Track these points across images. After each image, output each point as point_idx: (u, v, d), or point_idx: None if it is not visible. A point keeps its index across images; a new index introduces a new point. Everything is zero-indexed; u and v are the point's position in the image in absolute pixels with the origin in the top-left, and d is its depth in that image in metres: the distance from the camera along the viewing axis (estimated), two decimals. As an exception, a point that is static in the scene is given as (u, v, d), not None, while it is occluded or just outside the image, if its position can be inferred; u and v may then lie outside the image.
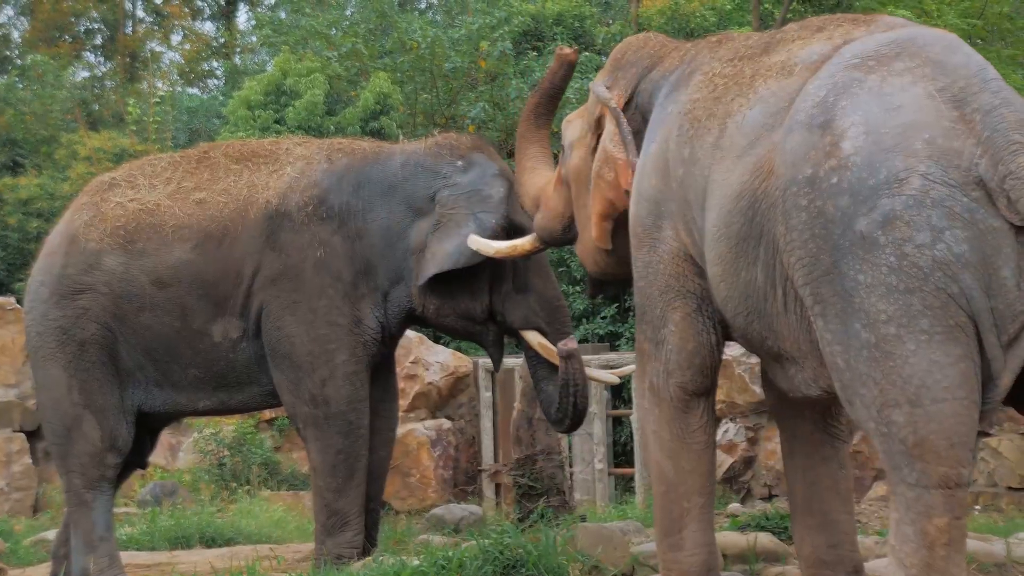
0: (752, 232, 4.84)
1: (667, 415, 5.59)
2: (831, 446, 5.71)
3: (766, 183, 4.74)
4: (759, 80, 5.09)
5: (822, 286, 4.44)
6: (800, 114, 4.62)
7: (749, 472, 10.98)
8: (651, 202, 5.52)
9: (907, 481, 4.30)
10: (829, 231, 4.39)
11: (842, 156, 4.39)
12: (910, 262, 4.21)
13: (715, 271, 5.14)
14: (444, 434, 12.83)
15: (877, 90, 4.45)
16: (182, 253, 7.59)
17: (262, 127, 18.49)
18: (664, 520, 5.69)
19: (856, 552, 5.75)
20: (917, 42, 4.59)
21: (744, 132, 4.98)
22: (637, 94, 6.00)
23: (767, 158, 4.76)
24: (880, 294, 4.26)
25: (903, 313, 4.23)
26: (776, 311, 4.85)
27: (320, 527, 7.60)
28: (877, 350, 4.28)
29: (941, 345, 4.21)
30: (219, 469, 12.72)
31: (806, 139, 4.53)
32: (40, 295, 7.78)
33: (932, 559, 4.27)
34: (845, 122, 4.43)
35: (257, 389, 7.73)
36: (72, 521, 7.78)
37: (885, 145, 4.31)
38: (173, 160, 8.06)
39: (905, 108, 4.36)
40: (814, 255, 4.45)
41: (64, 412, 7.67)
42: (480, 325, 7.75)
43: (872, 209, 4.28)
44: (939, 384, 4.21)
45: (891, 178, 4.26)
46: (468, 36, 18.55)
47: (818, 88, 4.63)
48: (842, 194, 4.35)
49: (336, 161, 7.80)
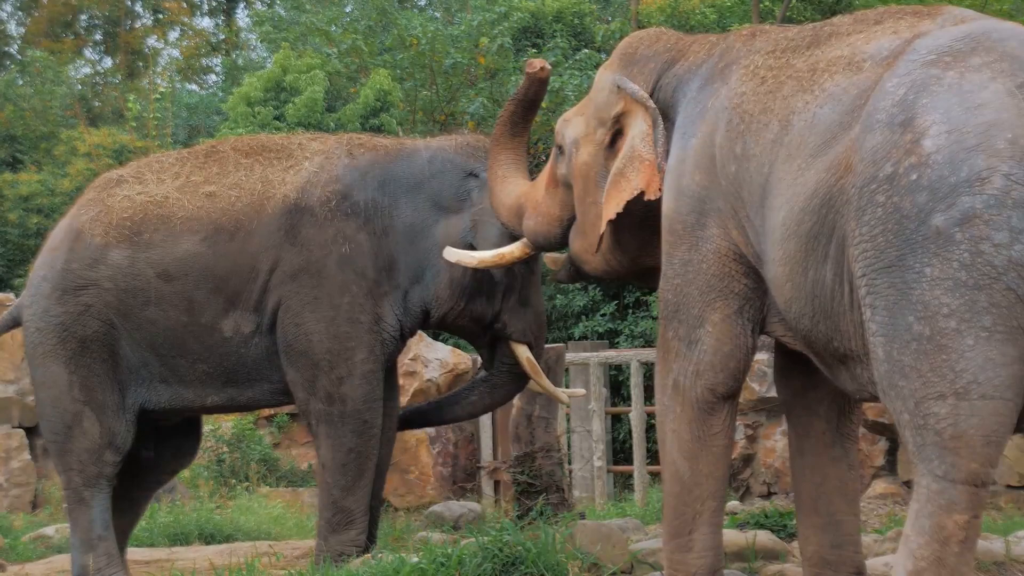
0: (824, 230, 4.79)
1: (689, 415, 5.54)
2: (842, 446, 5.70)
3: (843, 181, 4.70)
4: (823, 75, 5.03)
5: (879, 277, 4.41)
6: (880, 112, 4.57)
7: (748, 470, 10.99)
8: (694, 199, 5.45)
9: (935, 473, 4.28)
10: (902, 226, 4.35)
11: (923, 154, 4.35)
12: (985, 260, 4.18)
13: (780, 271, 5.07)
14: (443, 431, 12.84)
15: (957, 87, 4.41)
16: (191, 246, 7.53)
17: (262, 124, 18.51)
18: (675, 521, 5.65)
19: (859, 553, 5.74)
20: (992, 36, 4.55)
21: (817, 130, 4.92)
22: (658, 89, 5.91)
23: (844, 156, 4.71)
24: (946, 288, 4.23)
25: (967, 308, 4.20)
26: (843, 310, 4.81)
27: (324, 523, 7.58)
28: (930, 343, 4.26)
29: (1000, 344, 4.20)
30: (218, 466, 12.73)
31: (887, 137, 4.49)
32: (42, 290, 7.72)
33: (944, 554, 4.27)
34: (926, 120, 4.40)
35: (268, 386, 7.68)
36: (71, 520, 7.76)
37: (967, 144, 4.28)
38: (181, 156, 8.03)
39: (987, 106, 4.32)
40: (881, 248, 4.41)
41: (64, 409, 7.63)
42: (483, 328, 7.75)
43: (951, 206, 4.24)
44: (991, 381, 4.20)
45: (973, 177, 4.23)
46: (467, 33, 18.58)
47: (896, 86, 4.58)
48: (921, 191, 4.32)
49: (358, 156, 7.74)
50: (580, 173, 6.23)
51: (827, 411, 5.65)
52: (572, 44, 19.51)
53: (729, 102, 5.35)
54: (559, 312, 15.70)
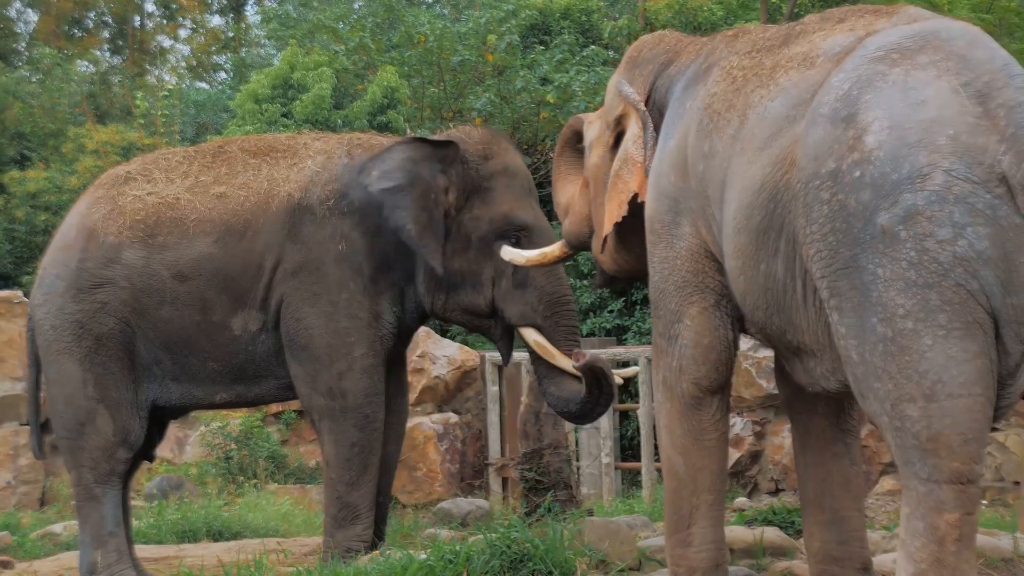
0: (773, 224, 4.82)
1: (679, 411, 5.57)
2: (843, 442, 5.70)
3: (788, 175, 4.73)
4: (780, 71, 5.07)
5: (840, 279, 4.43)
6: (823, 107, 4.60)
7: (756, 467, 10.98)
8: (670, 198, 5.51)
9: (919, 476, 4.29)
10: (850, 225, 4.38)
11: (865, 150, 4.37)
12: (930, 257, 4.19)
13: (734, 264, 5.12)
14: (451, 428, 12.83)
15: (901, 84, 4.43)
16: (204, 247, 7.60)
17: (269, 121, 18.52)
18: (673, 516, 5.68)
19: (865, 549, 5.74)
20: (941, 35, 4.57)
21: (766, 123, 4.96)
22: (654, 91, 5.99)
23: (789, 150, 4.74)
24: (899, 288, 4.25)
25: (921, 308, 4.21)
26: (795, 304, 4.84)
27: (331, 519, 7.61)
28: (893, 344, 4.27)
29: (959, 341, 4.20)
30: (226, 463, 12.73)
31: (829, 132, 4.52)
32: (56, 288, 7.75)
33: (942, 554, 4.27)
34: (869, 116, 4.42)
35: (275, 382, 7.75)
36: (81, 516, 7.78)
37: (909, 140, 4.29)
38: (188, 154, 8.07)
39: (929, 103, 4.34)
40: (833, 248, 4.44)
41: (78, 406, 7.67)
42: (486, 319, 7.76)
43: (894, 204, 4.26)
44: (955, 380, 4.20)
45: (914, 173, 4.25)
46: (475, 30, 18.56)
47: (842, 81, 4.61)
48: (864, 188, 4.34)
49: (356, 156, 7.80)
50: (592, 175, 6.38)
51: (826, 408, 5.66)
52: (579, 41, 19.50)
53: (702, 102, 5.42)
54: (567, 309, 15.68)
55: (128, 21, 33.97)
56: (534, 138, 17.85)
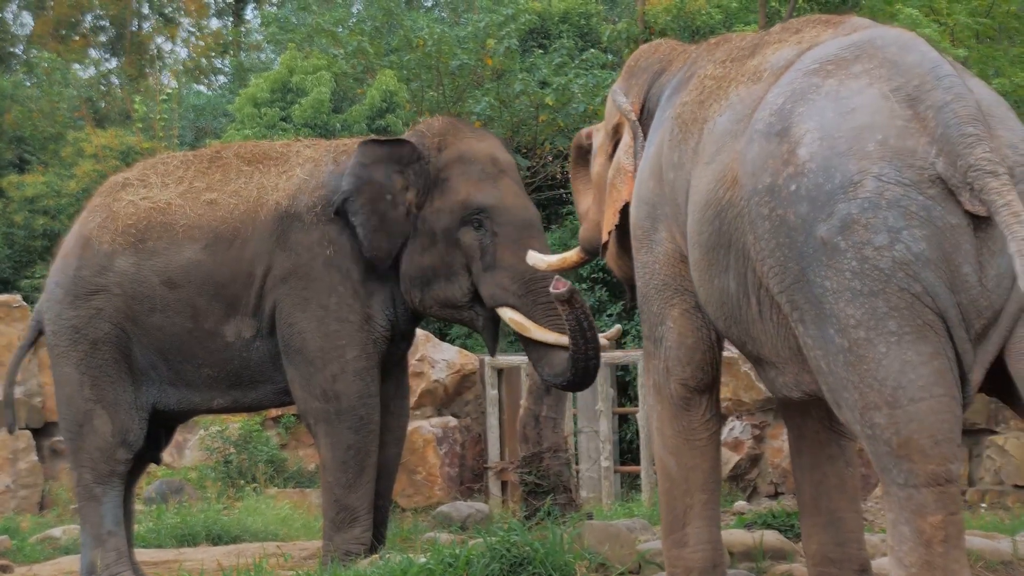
0: (721, 241, 4.88)
1: (668, 412, 5.61)
2: (837, 444, 5.71)
3: (730, 193, 4.79)
4: (732, 85, 5.13)
5: (796, 293, 4.47)
6: (759, 123, 4.65)
7: (755, 470, 10.99)
8: (648, 205, 5.57)
9: (897, 481, 4.31)
10: (793, 239, 4.42)
11: (799, 163, 4.41)
12: (871, 265, 4.23)
13: (694, 275, 5.20)
14: (450, 432, 12.83)
15: (834, 94, 4.47)
16: (192, 253, 7.65)
17: (268, 125, 18.49)
18: (668, 517, 5.71)
19: (863, 550, 5.74)
20: (876, 43, 4.60)
21: (713, 139, 5.04)
22: (648, 99, 6.05)
23: (730, 167, 4.81)
24: (847, 299, 4.28)
25: (870, 316, 4.25)
26: (751, 318, 4.88)
27: (329, 523, 7.62)
28: (851, 354, 4.31)
29: (912, 345, 4.23)
30: (225, 467, 12.73)
31: (764, 148, 4.56)
32: (55, 296, 7.87)
33: (930, 556, 4.28)
34: (801, 129, 4.46)
35: (271, 387, 7.79)
36: (81, 516, 7.82)
37: (839, 149, 4.33)
38: (186, 159, 8.12)
39: (859, 111, 4.38)
40: (783, 264, 4.48)
41: (76, 408, 7.74)
42: (466, 310, 7.77)
43: (830, 215, 4.30)
44: (914, 384, 4.23)
45: (846, 182, 4.29)
46: (474, 34, 18.56)
47: (776, 96, 4.66)
48: (801, 201, 4.38)
49: (341, 163, 7.84)
50: (595, 183, 6.51)
51: (819, 411, 5.67)
52: (578, 44, 19.50)
53: (675, 112, 5.48)
54: (566, 313, 15.66)
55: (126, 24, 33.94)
56: (533, 141, 17.86)
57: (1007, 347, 4.34)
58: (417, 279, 7.69)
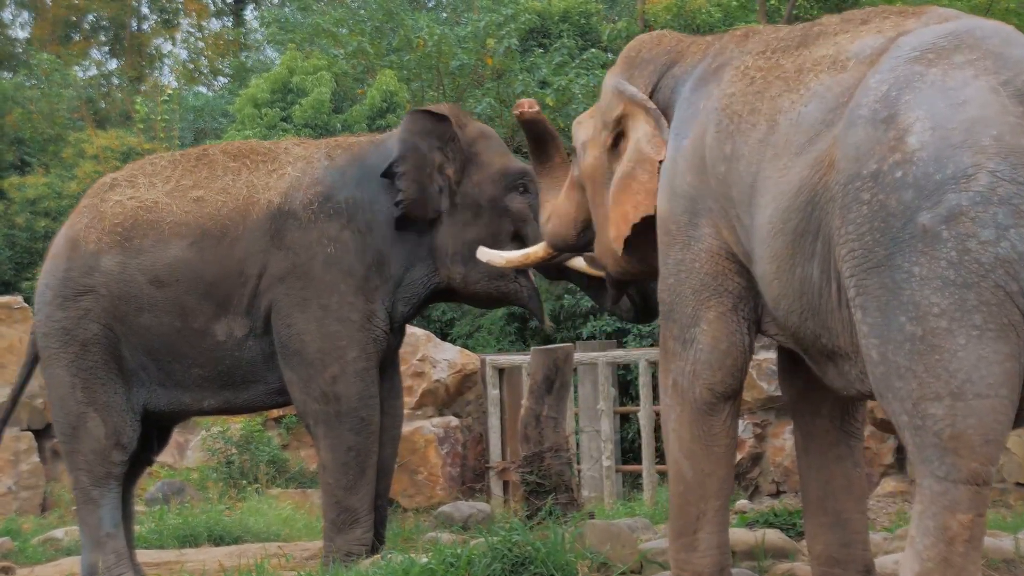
0: (810, 227, 4.80)
1: (689, 416, 5.53)
2: (846, 444, 5.69)
3: (826, 178, 4.71)
4: (808, 75, 5.04)
5: (869, 277, 4.42)
6: (862, 108, 4.58)
7: (757, 469, 10.98)
8: (687, 199, 5.46)
9: (936, 474, 4.28)
10: (889, 224, 4.36)
11: (908, 151, 4.36)
12: (972, 257, 4.19)
13: (768, 268, 5.09)
14: (452, 432, 12.82)
15: (940, 84, 4.42)
16: (179, 251, 7.62)
17: (269, 125, 18.50)
18: (679, 520, 5.66)
19: (867, 551, 5.74)
20: (975, 34, 4.56)
21: (801, 129, 4.93)
22: (657, 91, 5.95)
23: (827, 153, 4.72)
24: (935, 287, 4.23)
25: (957, 307, 4.20)
26: (831, 307, 4.82)
27: (330, 524, 7.61)
28: (923, 343, 4.26)
29: (992, 342, 4.20)
30: (227, 467, 12.72)
31: (869, 134, 4.50)
32: (45, 298, 7.85)
33: (950, 554, 4.27)
34: (910, 117, 4.41)
35: (263, 387, 7.76)
36: (80, 519, 7.82)
37: (953, 141, 4.28)
38: (173, 159, 8.11)
39: (970, 103, 4.33)
40: (868, 247, 4.42)
41: (69, 411, 7.72)
42: (513, 283, 7.77)
43: (937, 204, 4.25)
44: (984, 380, 4.20)
45: (958, 174, 4.24)
46: (474, 34, 18.56)
47: (879, 82, 4.59)
48: (906, 188, 4.33)
49: (336, 158, 7.84)
50: (587, 176, 6.31)
51: (830, 410, 5.65)
52: (579, 44, 19.49)
53: (719, 103, 5.37)
54: (567, 312, 15.68)
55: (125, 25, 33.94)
56: (534, 140, 17.85)
57: None
58: (461, 255, 7.68)
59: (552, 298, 15.17)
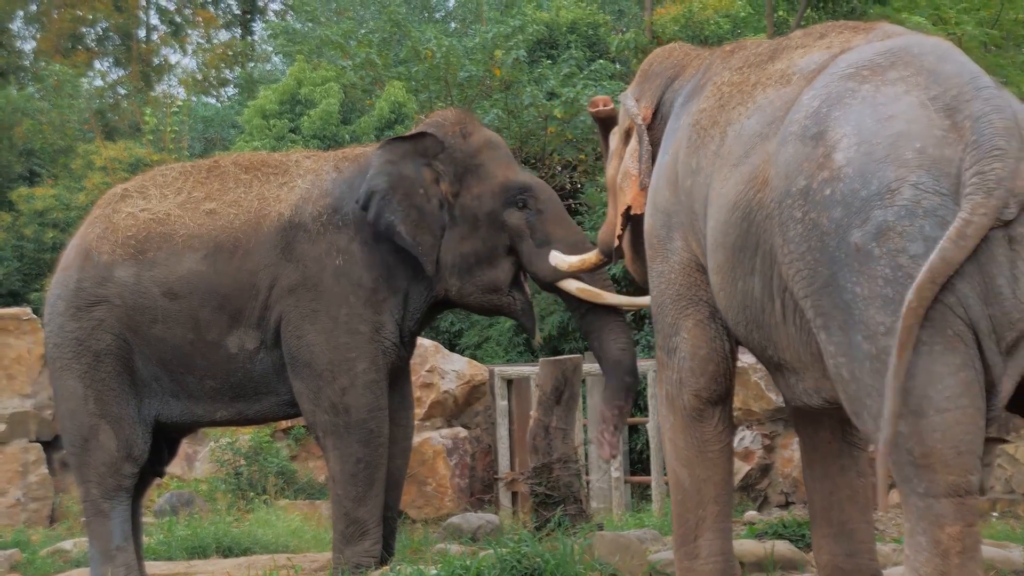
0: (748, 243, 4.86)
1: (681, 424, 5.60)
2: (849, 455, 5.70)
3: (760, 194, 4.77)
4: (759, 88, 5.12)
5: (822, 298, 4.44)
6: (793, 125, 4.63)
7: (766, 480, 10.97)
8: (664, 213, 5.57)
9: (917, 491, 4.29)
10: (825, 243, 4.39)
11: (835, 167, 4.40)
12: (905, 273, 4.20)
13: (715, 280, 5.18)
14: (460, 443, 12.83)
15: (871, 100, 4.46)
16: (192, 264, 7.61)
17: (277, 136, 18.52)
18: (680, 528, 5.71)
19: (874, 561, 5.74)
20: (912, 51, 4.59)
21: (741, 141, 5.01)
22: (662, 104, 6.06)
23: (761, 168, 4.78)
24: (877, 306, 4.26)
25: None
26: (774, 322, 4.86)
27: (339, 536, 7.61)
28: (878, 362, 4.28)
29: (941, 355, 4.21)
30: (236, 479, 12.73)
31: (799, 150, 4.55)
32: (57, 308, 7.83)
33: (947, 567, 4.27)
34: (838, 133, 4.44)
35: (275, 399, 7.76)
36: (89, 531, 7.80)
37: (877, 156, 4.31)
38: (184, 170, 8.10)
39: (897, 118, 4.36)
40: (812, 267, 4.45)
41: (81, 422, 7.70)
42: (506, 296, 7.76)
43: (865, 221, 4.28)
44: (941, 394, 4.20)
45: (883, 189, 4.26)
46: (482, 45, 18.59)
47: (812, 98, 4.65)
48: (835, 206, 4.36)
49: (344, 170, 7.83)
50: (608, 186, 6.52)
51: (831, 421, 5.67)
52: (587, 55, 19.51)
53: (692, 119, 5.49)
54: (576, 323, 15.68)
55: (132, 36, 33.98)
56: (542, 152, 17.88)
57: None
58: (457, 267, 7.66)
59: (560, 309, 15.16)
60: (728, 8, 19.23)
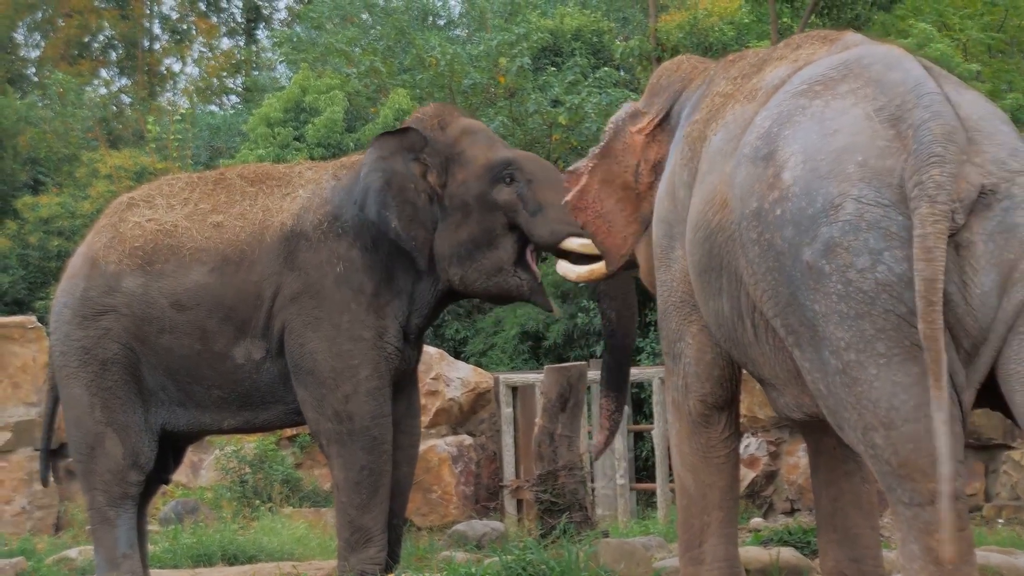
0: (712, 264, 4.91)
1: (687, 429, 5.61)
2: (854, 461, 5.71)
3: (720, 216, 4.82)
4: (730, 103, 5.17)
5: (789, 317, 4.48)
6: (746, 147, 4.68)
7: (771, 487, 10.96)
8: (666, 223, 5.60)
9: (903, 501, 4.31)
10: (781, 264, 4.44)
11: (783, 187, 4.44)
12: (855, 287, 4.23)
13: (696, 296, 5.25)
14: (465, 450, 12.82)
15: (819, 116, 4.49)
16: (200, 276, 7.63)
17: (282, 144, 18.54)
18: (685, 534, 5.71)
19: (880, 567, 5.74)
20: (862, 62, 4.62)
21: (706, 158, 5.08)
22: (670, 116, 6.06)
23: (720, 190, 4.83)
24: (835, 322, 4.29)
25: (859, 339, 4.26)
26: (748, 341, 4.90)
27: (343, 543, 7.60)
28: (846, 376, 4.31)
29: (901, 366, 4.23)
30: (241, 486, 12.72)
31: (751, 172, 4.59)
32: (63, 317, 7.82)
33: (942, 574, 4.27)
34: (786, 152, 4.48)
35: (282, 407, 7.76)
36: (95, 539, 7.80)
37: (821, 172, 4.34)
38: (191, 180, 8.12)
39: (841, 132, 4.39)
40: (774, 288, 4.50)
41: (87, 430, 7.71)
42: (512, 276, 7.72)
43: (814, 239, 4.31)
44: (906, 404, 4.23)
45: (827, 205, 4.30)
46: (487, 52, 18.61)
47: (764, 119, 4.70)
48: (786, 225, 4.40)
49: (342, 177, 7.84)
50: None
51: None
52: (591, 62, 19.53)
53: (686, 130, 5.54)
54: (580, 330, 15.70)
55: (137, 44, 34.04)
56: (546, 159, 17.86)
57: (996, 366, 4.32)
58: (456, 256, 7.64)
59: (566, 317, 15.18)
60: (732, 15, 19.22)
